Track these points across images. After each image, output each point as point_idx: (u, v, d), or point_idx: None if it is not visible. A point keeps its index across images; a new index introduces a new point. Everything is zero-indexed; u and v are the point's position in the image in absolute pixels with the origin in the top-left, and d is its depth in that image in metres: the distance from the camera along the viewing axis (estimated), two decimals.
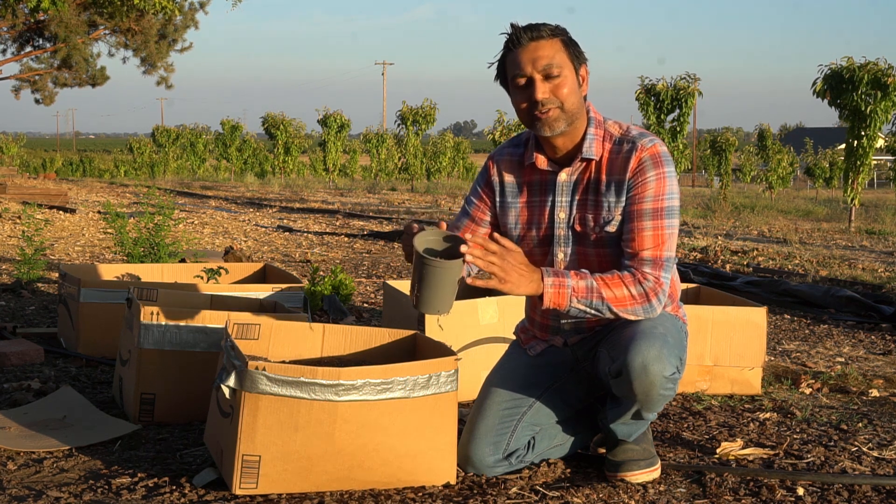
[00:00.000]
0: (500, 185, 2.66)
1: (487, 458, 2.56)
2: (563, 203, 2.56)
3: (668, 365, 2.38)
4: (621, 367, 2.40)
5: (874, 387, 3.73)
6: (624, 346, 2.41)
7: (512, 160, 2.66)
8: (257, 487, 2.35)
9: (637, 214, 2.45)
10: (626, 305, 2.40)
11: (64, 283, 4.13)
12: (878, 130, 13.50)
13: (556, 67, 2.43)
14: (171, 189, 23.39)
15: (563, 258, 2.58)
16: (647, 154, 2.46)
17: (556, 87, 2.44)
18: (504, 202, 2.66)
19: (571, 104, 2.46)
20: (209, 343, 3.06)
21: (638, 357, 2.36)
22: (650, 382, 2.37)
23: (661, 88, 16.39)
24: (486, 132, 20.72)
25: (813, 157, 34.66)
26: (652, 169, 2.46)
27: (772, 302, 5.90)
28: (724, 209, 17.42)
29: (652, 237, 2.44)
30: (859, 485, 2.55)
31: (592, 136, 2.52)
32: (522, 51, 2.44)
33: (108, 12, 20.10)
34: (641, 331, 2.41)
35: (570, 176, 2.55)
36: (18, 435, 2.88)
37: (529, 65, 2.43)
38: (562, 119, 2.46)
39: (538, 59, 2.43)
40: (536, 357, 2.71)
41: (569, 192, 2.55)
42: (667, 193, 2.46)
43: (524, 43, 2.44)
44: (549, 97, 2.44)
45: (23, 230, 6.42)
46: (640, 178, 2.46)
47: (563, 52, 2.45)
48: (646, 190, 2.45)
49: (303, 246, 9.65)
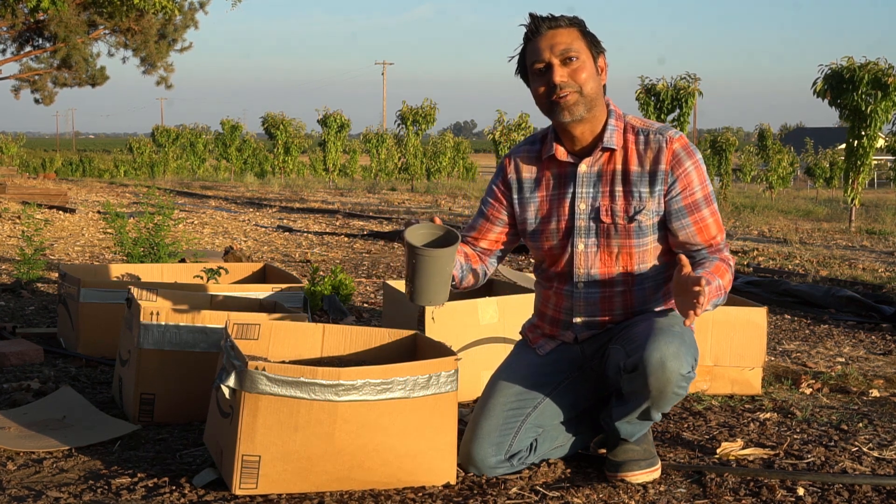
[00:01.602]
0: (518, 182, 2.67)
1: (490, 458, 2.56)
2: (583, 194, 2.57)
3: (684, 363, 2.38)
4: (637, 362, 2.39)
5: (874, 387, 3.73)
6: (641, 341, 2.41)
7: (529, 156, 2.68)
8: (257, 487, 2.35)
9: (693, 206, 2.53)
10: (726, 291, 2.49)
11: (64, 283, 4.13)
12: (878, 130, 13.49)
13: (574, 52, 2.47)
14: (170, 189, 23.38)
15: (584, 249, 2.58)
16: (679, 145, 2.52)
17: (574, 71, 2.47)
18: (522, 198, 2.67)
19: (590, 89, 2.48)
20: (209, 343, 3.06)
21: (656, 353, 2.36)
22: (666, 379, 2.37)
23: (661, 88, 16.39)
24: (486, 132, 20.72)
25: (813, 157, 34.64)
26: (688, 159, 2.52)
27: (772, 302, 5.90)
28: (725, 209, 17.41)
29: (714, 224, 2.55)
30: (859, 485, 2.54)
31: (613, 127, 2.55)
32: (541, 39, 2.49)
33: (107, 12, 20.10)
34: (659, 328, 2.41)
35: (590, 167, 2.57)
36: (18, 435, 2.87)
37: (547, 50, 2.47)
38: (581, 104, 2.48)
39: (556, 45, 2.47)
40: (544, 356, 2.71)
41: (590, 182, 2.57)
42: (706, 180, 2.56)
43: (542, 31, 2.49)
44: (568, 80, 2.47)
45: (22, 230, 6.42)
46: (679, 169, 2.51)
47: (581, 40, 2.50)
48: (691, 181, 2.52)
49: (303, 246, 9.65)
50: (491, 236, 2.73)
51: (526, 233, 2.68)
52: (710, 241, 2.55)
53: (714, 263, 2.48)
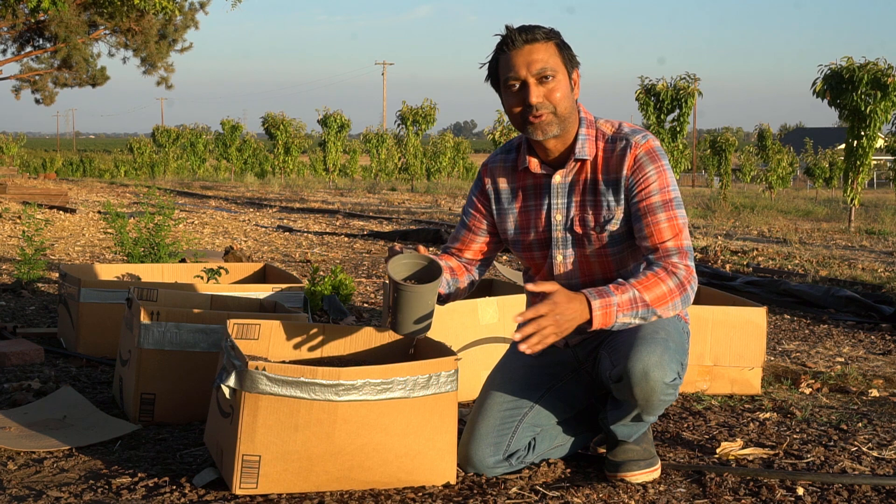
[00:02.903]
0: (496, 193, 2.67)
1: (488, 458, 2.56)
2: (558, 205, 2.56)
3: (668, 371, 2.38)
4: (622, 373, 2.39)
5: (874, 387, 3.73)
6: (625, 351, 2.40)
7: (505, 166, 2.66)
8: (257, 487, 2.35)
9: (649, 210, 2.45)
10: (666, 302, 2.37)
11: (64, 283, 4.13)
12: (877, 130, 13.50)
13: (551, 71, 2.42)
14: (171, 189, 23.39)
15: (563, 260, 2.58)
16: (643, 150, 2.47)
17: (549, 91, 2.43)
18: (501, 209, 2.66)
19: (564, 108, 2.45)
20: (209, 343, 3.06)
21: (639, 364, 2.36)
22: (650, 389, 2.37)
23: (661, 88, 16.40)
24: (486, 132, 20.74)
25: (813, 157, 34.63)
26: (650, 164, 2.47)
27: (772, 302, 5.90)
28: (724, 209, 17.42)
29: (669, 228, 2.44)
30: (859, 485, 2.55)
31: (584, 137, 2.52)
32: (517, 53, 2.42)
33: (108, 12, 20.10)
34: (643, 336, 2.40)
35: (564, 178, 2.55)
36: (18, 435, 2.88)
37: (524, 68, 2.42)
38: (554, 123, 2.46)
39: (532, 63, 2.41)
40: (538, 358, 2.70)
41: (564, 193, 2.55)
42: (670, 185, 2.47)
43: (518, 45, 2.42)
44: (543, 101, 2.43)
45: (23, 230, 6.42)
46: (639, 174, 2.46)
47: (558, 56, 2.44)
48: (649, 185, 2.46)
49: (303, 246, 9.65)
50: (475, 246, 2.74)
51: (508, 242, 2.69)
52: (658, 244, 2.43)
53: (645, 275, 2.37)
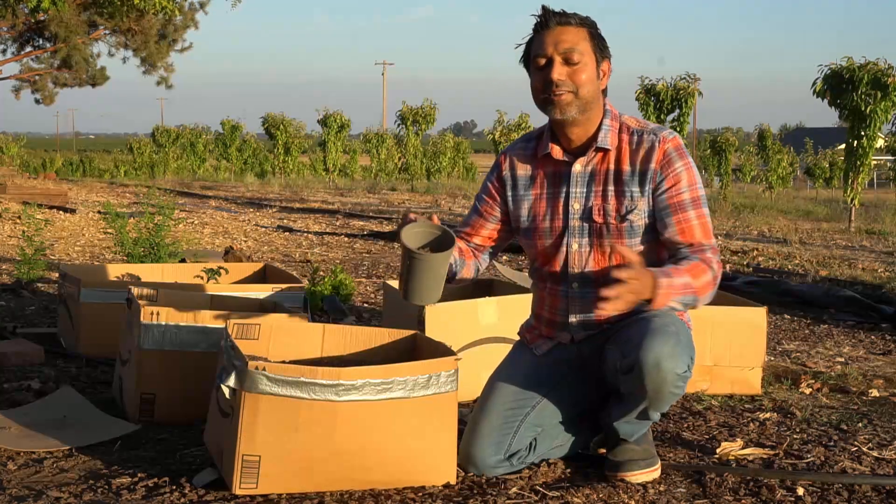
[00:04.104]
0: (513, 179, 2.67)
1: (489, 458, 2.56)
2: (577, 194, 2.57)
3: (680, 362, 2.38)
4: (633, 363, 2.39)
5: (874, 387, 3.73)
6: (637, 342, 2.40)
7: (525, 153, 2.68)
8: (257, 487, 2.35)
9: (679, 206, 2.49)
10: (707, 291, 2.43)
11: (64, 283, 4.13)
12: (878, 130, 13.50)
13: (578, 53, 2.46)
14: (171, 189, 23.37)
15: (578, 249, 2.58)
16: (671, 146, 2.51)
17: (573, 71, 2.47)
18: (516, 195, 2.67)
19: (586, 92, 2.48)
20: (209, 343, 3.06)
21: (651, 353, 2.36)
22: (662, 379, 2.37)
23: (661, 88, 16.39)
24: (486, 132, 20.75)
25: (813, 157, 34.60)
26: (679, 160, 2.51)
27: (772, 302, 5.89)
28: (725, 209, 17.41)
29: (700, 226, 2.50)
30: (859, 485, 2.55)
31: (608, 127, 2.55)
32: (548, 33, 2.48)
33: (108, 12, 20.11)
34: (654, 328, 2.40)
35: (584, 166, 2.57)
36: (18, 435, 2.88)
37: (552, 46, 2.47)
38: (574, 105, 2.47)
39: (560, 42, 2.46)
40: (542, 357, 2.70)
41: (584, 182, 2.57)
42: (697, 183, 2.52)
43: (551, 26, 2.48)
44: (565, 80, 2.46)
45: (23, 230, 6.42)
46: (668, 169, 2.50)
47: (588, 42, 2.49)
48: (680, 180, 2.50)
49: (303, 246, 9.65)
50: (485, 232, 2.74)
51: (520, 230, 2.68)
52: (691, 241, 2.49)
53: (691, 262, 2.43)
